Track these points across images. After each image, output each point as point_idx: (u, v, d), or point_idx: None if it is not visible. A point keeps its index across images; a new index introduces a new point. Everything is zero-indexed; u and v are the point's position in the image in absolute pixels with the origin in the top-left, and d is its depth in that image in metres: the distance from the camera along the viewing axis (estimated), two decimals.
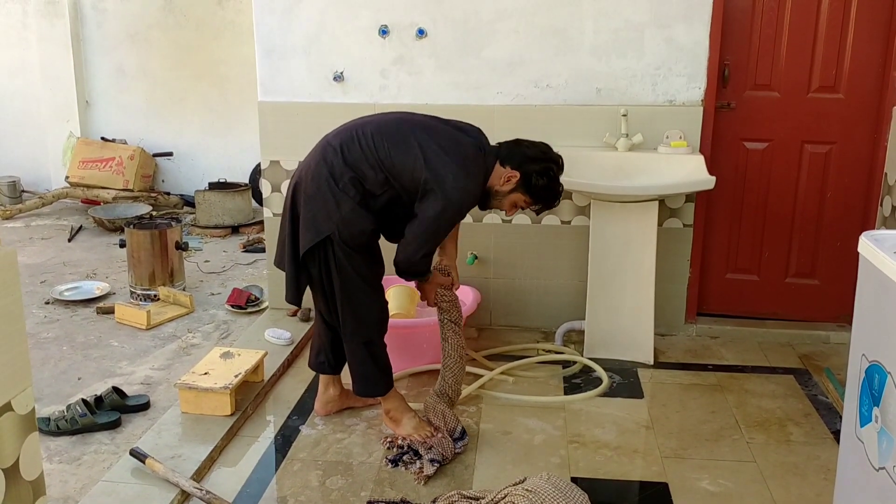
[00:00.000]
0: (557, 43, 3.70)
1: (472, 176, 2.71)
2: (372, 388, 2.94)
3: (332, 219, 2.69)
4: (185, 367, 3.47)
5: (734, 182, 3.84)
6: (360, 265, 2.77)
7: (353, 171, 2.70)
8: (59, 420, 2.97)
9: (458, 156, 2.70)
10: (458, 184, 2.66)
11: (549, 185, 2.81)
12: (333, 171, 2.71)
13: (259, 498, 2.60)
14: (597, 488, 2.64)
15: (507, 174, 2.78)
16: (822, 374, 3.50)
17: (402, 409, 2.96)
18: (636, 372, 3.56)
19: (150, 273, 4.44)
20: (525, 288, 4.00)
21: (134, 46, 6.71)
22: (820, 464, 2.82)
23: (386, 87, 3.85)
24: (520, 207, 2.88)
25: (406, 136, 2.72)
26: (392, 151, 2.70)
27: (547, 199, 2.86)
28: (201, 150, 6.80)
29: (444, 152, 2.69)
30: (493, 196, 2.83)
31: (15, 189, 6.71)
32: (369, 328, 2.86)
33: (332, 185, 2.70)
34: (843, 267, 3.84)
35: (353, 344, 2.87)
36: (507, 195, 2.82)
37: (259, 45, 3.89)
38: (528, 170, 2.78)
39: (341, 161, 2.71)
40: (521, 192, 2.81)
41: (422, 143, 2.70)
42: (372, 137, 2.73)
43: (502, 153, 2.82)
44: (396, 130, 2.75)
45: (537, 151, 2.83)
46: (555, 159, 2.84)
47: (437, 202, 2.66)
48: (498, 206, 2.87)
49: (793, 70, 3.70)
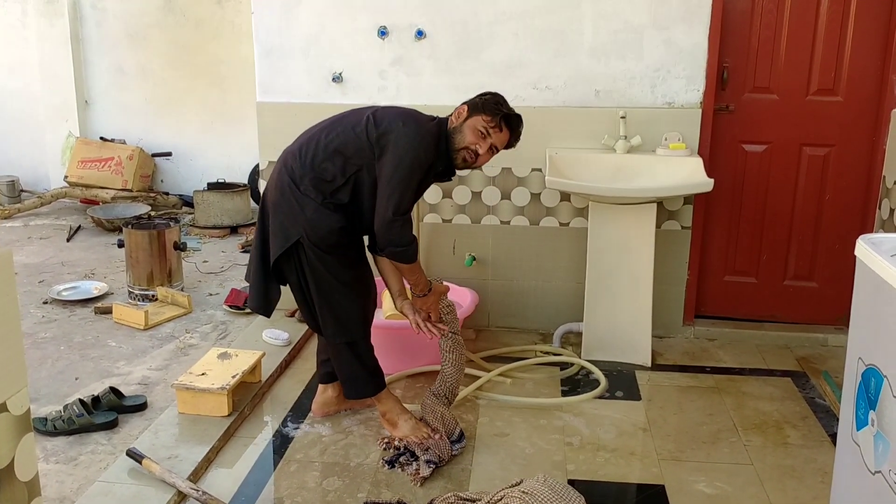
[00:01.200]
0: (556, 45, 3.70)
1: (419, 123, 2.73)
2: (360, 390, 2.93)
3: (299, 222, 2.71)
4: (183, 368, 3.47)
5: (733, 184, 3.84)
6: (334, 266, 2.76)
7: (313, 172, 2.72)
8: (56, 420, 2.96)
9: (403, 111, 2.78)
10: (407, 129, 2.67)
11: (496, 100, 2.78)
12: (294, 176, 2.74)
13: (255, 499, 2.59)
14: (593, 490, 2.64)
15: (456, 112, 2.80)
16: (819, 377, 3.50)
17: (398, 411, 2.96)
18: (634, 374, 3.56)
19: (149, 273, 4.44)
20: (523, 289, 4.00)
21: (133, 46, 6.71)
22: (817, 467, 2.82)
23: (385, 89, 3.85)
24: (484, 131, 2.74)
25: (357, 112, 2.81)
26: (342, 129, 2.74)
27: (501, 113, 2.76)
28: (200, 151, 6.80)
29: (391, 109, 2.79)
30: (454, 133, 2.75)
31: (14, 188, 6.70)
32: (350, 329, 2.84)
33: (293, 190, 2.73)
34: (841, 270, 3.85)
35: (336, 346, 2.87)
36: (465, 124, 2.75)
37: (258, 45, 3.89)
38: (472, 100, 2.79)
39: (300, 164, 2.74)
40: (474, 114, 2.75)
41: (371, 111, 2.77)
42: (325, 130, 2.78)
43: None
44: (347, 114, 2.83)
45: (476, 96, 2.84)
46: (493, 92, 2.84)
47: (394, 152, 2.66)
48: (462, 141, 2.75)
49: (792, 73, 3.71)
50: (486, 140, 2.76)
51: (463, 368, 3.02)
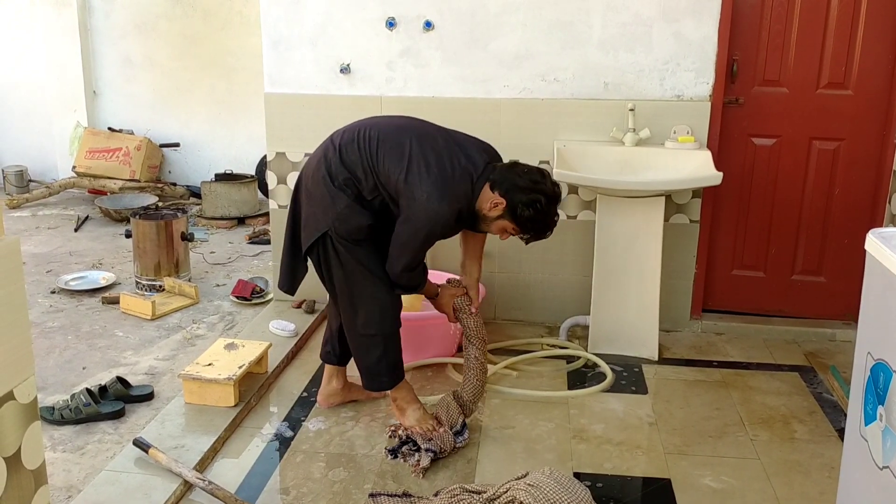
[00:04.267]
0: (565, 36, 3.69)
1: (446, 199, 2.60)
2: (377, 383, 2.91)
3: (329, 215, 2.70)
4: (190, 358, 3.47)
5: (741, 178, 3.82)
6: (365, 256, 2.75)
7: (348, 172, 2.70)
8: (64, 409, 2.98)
9: (439, 176, 2.61)
10: (430, 205, 2.59)
11: (535, 217, 2.66)
12: (331, 170, 2.72)
13: (261, 489, 2.60)
14: (599, 484, 2.65)
15: (494, 200, 2.65)
16: (827, 372, 3.48)
17: (409, 400, 2.94)
18: (640, 368, 3.55)
19: (156, 263, 4.45)
20: (530, 282, 3.99)
21: (141, 36, 6.70)
22: (824, 462, 2.81)
23: (392, 80, 3.84)
24: (509, 234, 2.76)
25: (402, 144, 2.67)
26: (384, 157, 2.67)
27: (534, 231, 2.72)
28: (208, 141, 6.79)
29: (426, 169, 2.62)
30: (482, 220, 2.72)
31: (22, 178, 6.71)
32: (379, 320, 2.81)
33: (328, 183, 2.71)
34: (850, 264, 3.82)
35: (361, 336, 2.84)
36: (495, 221, 2.70)
37: (266, 36, 3.89)
38: (515, 199, 2.63)
39: (338, 161, 2.72)
40: (507, 219, 2.68)
41: (412, 153, 2.64)
42: (370, 140, 2.71)
43: (494, 176, 2.68)
44: (395, 136, 2.71)
45: (527, 181, 2.66)
46: (545, 191, 2.67)
47: (409, 223, 2.64)
48: (486, 229, 2.77)
49: (802, 66, 3.68)
50: (509, 235, 2.78)
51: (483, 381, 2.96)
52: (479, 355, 2.93)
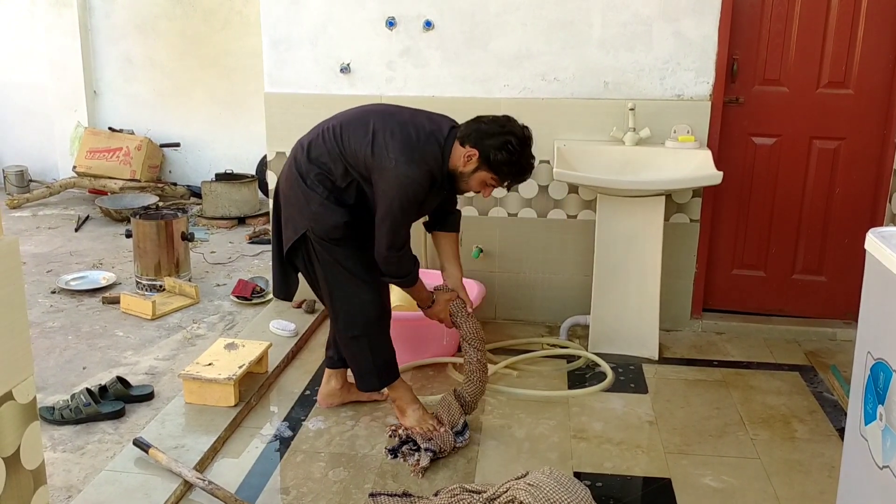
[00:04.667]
0: (565, 36, 3.68)
1: (415, 162, 2.61)
2: (367, 384, 2.91)
3: (305, 216, 2.72)
4: (190, 358, 3.47)
5: (742, 177, 3.82)
6: (345, 257, 2.75)
7: (318, 168, 2.72)
8: (64, 409, 2.98)
9: (404, 142, 2.63)
10: (398, 170, 2.59)
11: (510, 160, 2.64)
12: (301, 170, 2.75)
13: (261, 489, 2.60)
14: (599, 483, 2.64)
15: (467, 153, 2.66)
16: (827, 372, 3.48)
17: (408, 400, 2.94)
18: (641, 367, 3.55)
19: (156, 263, 4.45)
20: (530, 282, 3.99)
21: (141, 36, 6.70)
22: (824, 461, 2.81)
23: (392, 79, 3.84)
24: (491, 185, 2.73)
25: (366, 121, 2.70)
26: (349, 138, 2.69)
27: (512, 174, 2.70)
28: (208, 141, 6.79)
29: (391, 137, 2.63)
30: (460, 178, 2.72)
31: (22, 178, 6.71)
32: (361, 322, 2.80)
33: (301, 184, 2.73)
34: (850, 264, 3.82)
35: (346, 338, 2.85)
36: (472, 175, 2.69)
37: (266, 36, 3.89)
38: (486, 146, 2.63)
39: (306, 159, 2.74)
40: (483, 169, 2.67)
41: (375, 128, 2.67)
42: (333, 129, 2.74)
43: (461, 132, 2.69)
44: (359, 118, 2.75)
45: (494, 126, 2.67)
46: (513, 131, 2.67)
47: (383, 195, 2.63)
48: (466, 187, 2.76)
49: (802, 65, 3.68)
50: (491, 189, 2.76)
51: (484, 382, 2.96)
52: (480, 357, 2.93)
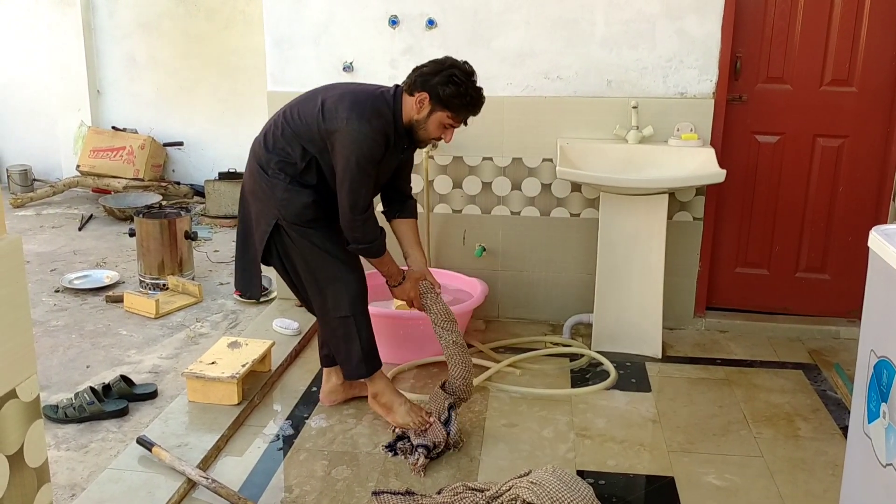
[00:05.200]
0: (568, 34, 3.68)
1: (366, 118, 2.65)
2: (355, 369, 2.90)
3: (272, 204, 2.77)
4: (193, 357, 3.48)
5: (745, 175, 3.81)
6: (321, 239, 2.79)
7: (276, 156, 2.78)
8: (67, 408, 2.98)
9: (353, 102, 2.68)
10: (350, 126, 2.63)
11: (458, 91, 2.67)
12: (261, 162, 2.81)
13: (265, 487, 2.60)
14: (602, 481, 2.64)
15: (417, 98, 2.70)
16: (831, 370, 3.48)
17: (392, 395, 2.93)
18: (644, 365, 3.55)
19: (160, 262, 4.45)
20: (533, 280, 3.99)
21: (145, 36, 6.70)
22: (828, 459, 2.80)
23: (395, 78, 3.81)
24: (449, 126, 2.75)
25: (313, 97, 2.79)
26: (300, 114, 2.76)
27: (464, 106, 2.71)
28: (211, 140, 6.80)
29: (339, 100, 2.69)
30: (418, 127, 2.75)
31: (26, 177, 6.72)
32: (348, 302, 2.82)
33: (263, 175, 2.80)
34: (854, 262, 3.81)
35: (334, 320, 2.85)
36: (428, 119, 2.72)
37: (269, 34, 3.89)
38: (433, 84, 2.67)
39: (264, 150, 2.81)
40: (437, 109, 2.70)
41: (323, 97, 2.73)
42: (284, 114, 2.81)
43: (405, 83, 2.75)
44: (306, 97, 2.82)
45: (435, 65, 2.72)
46: (454, 64, 2.71)
47: (340, 156, 2.66)
48: (426, 134, 2.77)
49: (805, 63, 3.67)
50: (451, 130, 2.79)
51: (468, 362, 2.92)
52: (455, 338, 2.90)
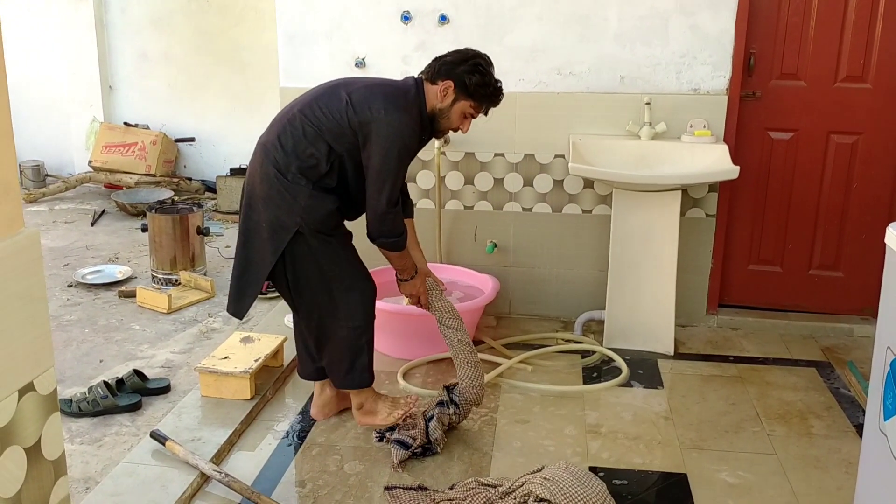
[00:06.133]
0: (581, 30, 3.67)
1: (401, 108, 2.63)
2: (357, 378, 2.83)
3: (295, 211, 2.63)
4: (206, 351, 3.49)
5: (758, 172, 3.80)
6: (341, 247, 2.76)
7: (298, 160, 2.64)
8: (81, 402, 3.00)
9: (382, 92, 2.66)
10: (389, 117, 2.60)
11: (483, 80, 2.70)
12: (279, 165, 2.65)
13: (277, 482, 2.61)
14: (615, 478, 2.64)
15: (442, 87, 2.70)
16: (844, 367, 3.46)
17: (373, 399, 2.90)
18: (656, 362, 3.54)
19: (172, 257, 4.47)
20: (545, 277, 3.98)
21: (157, 31, 6.72)
22: (841, 457, 2.79)
23: (407, 73, 3.81)
24: (469, 115, 2.77)
25: (333, 90, 2.71)
26: (322, 109, 2.66)
27: (488, 95, 2.74)
28: (223, 136, 6.81)
29: (368, 91, 2.66)
30: (440, 116, 2.74)
31: (39, 173, 6.75)
32: (362, 311, 2.79)
33: (282, 180, 2.64)
34: (867, 259, 3.79)
35: (348, 330, 2.77)
36: (451, 108, 2.72)
37: (281, 30, 3.89)
38: (458, 73, 2.69)
39: (282, 152, 2.65)
40: (461, 98, 2.71)
41: (348, 90, 2.68)
42: (301, 113, 2.68)
43: (428, 74, 2.75)
44: (323, 90, 2.74)
45: (457, 55, 2.74)
46: (478, 54, 2.75)
47: (377, 146, 2.60)
48: (448, 124, 2.76)
49: (820, 59, 3.65)
50: (470, 121, 2.80)
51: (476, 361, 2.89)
52: (462, 336, 2.89)
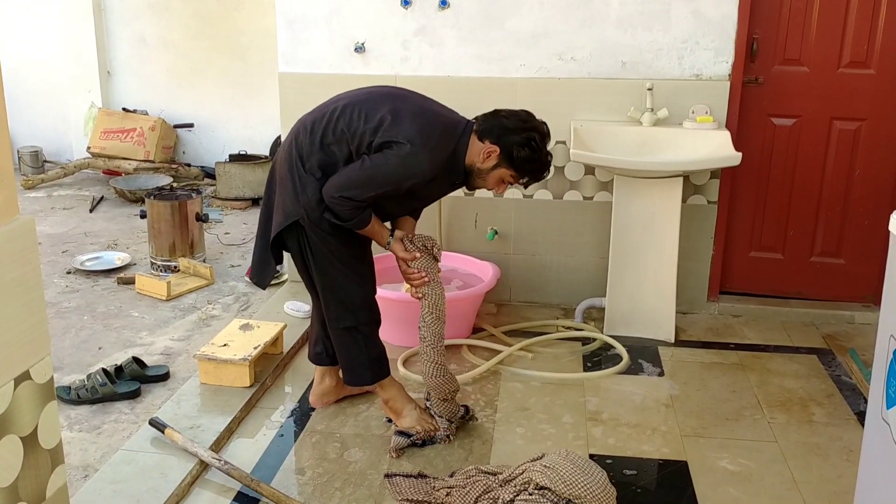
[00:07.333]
0: (582, 15, 3.64)
1: (429, 148, 2.50)
2: (359, 377, 2.83)
3: (299, 202, 2.59)
4: (205, 339, 3.48)
5: (760, 159, 3.78)
6: (338, 247, 2.65)
7: (321, 152, 2.58)
8: (80, 389, 2.99)
9: (422, 123, 2.53)
10: (409, 152, 2.47)
11: (532, 157, 2.58)
12: (302, 153, 2.60)
13: (277, 469, 2.61)
14: (615, 466, 2.64)
15: (487, 149, 2.57)
16: (846, 355, 3.45)
17: (403, 401, 2.84)
18: (657, 350, 3.53)
19: (171, 244, 4.45)
20: (545, 264, 3.97)
21: (155, 16, 6.67)
22: (842, 445, 2.78)
23: (407, 59, 3.80)
24: (507, 183, 2.66)
25: (377, 103, 2.58)
26: (358, 117, 2.55)
27: (532, 171, 2.63)
28: (222, 122, 6.78)
29: (410, 118, 2.52)
30: (477, 175, 2.63)
31: (37, 159, 6.72)
32: (352, 313, 2.73)
33: (299, 168, 2.59)
34: (869, 246, 3.78)
35: (337, 330, 2.76)
36: (491, 171, 2.61)
37: (280, 15, 3.86)
38: (508, 142, 2.56)
39: (309, 141, 2.59)
40: (504, 166, 2.59)
41: (392, 108, 2.54)
42: (342, 110, 2.58)
43: (480, 127, 2.61)
44: (368, 98, 2.62)
45: (516, 121, 2.60)
46: (536, 127, 2.61)
47: (383, 156, 2.50)
48: (483, 184, 2.66)
49: (823, 44, 3.62)
50: (506, 186, 2.69)
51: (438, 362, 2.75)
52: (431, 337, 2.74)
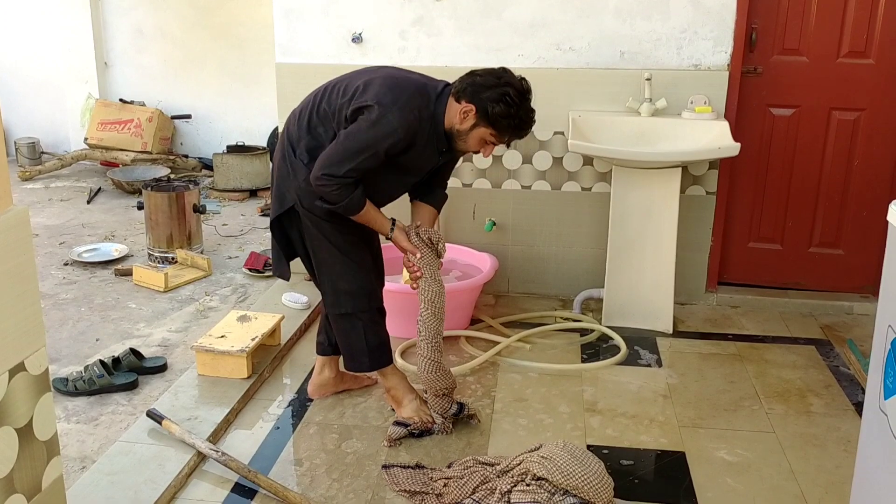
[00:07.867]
0: (581, 4, 3.62)
1: (398, 105, 2.48)
2: (356, 363, 2.82)
3: (292, 188, 2.63)
4: (203, 330, 3.48)
5: (759, 149, 3.77)
6: (332, 233, 2.66)
7: (308, 135, 2.62)
8: (77, 380, 2.99)
9: (391, 84, 2.52)
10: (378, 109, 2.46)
11: (508, 112, 2.50)
12: (292, 139, 2.66)
13: (275, 460, 2.60)
14: (613, 456, 2.63)
15: (463, 108, 2.53)
16: (844, 346, 3.45)
17: (404, 389, 2.85)
18: (655, 341, 3.53)
19: (168, 236, 4.44)
20: (543, 255, 3.96)
21: (152, 7, 6.65)
22: (840, 435, 2.78)
23: (405, 49, 3.79)
24: (490, 143, 2.60)
25: (353, 78, 2.62)
26: (337, 94, 2.59)
27: (511, 128, 2.55)
28: (219, 113, 6.76)
29: (382, 81, 2.53)
30: (458, 137, 2.59)
31: (34, 150, 6.71)
32: (349, 300, 2.72)
33: (290, 154, 2.64)
34: (868, 237, 3.77)
35: (334, 316, 2.78)
36: (470, 132, 2.56)
37: (278, 5, 3.84)
38: (482, 99, 2.50)
39: (297, 127, 2.65)
40: (482, 125, 2.54)
41: (367, 79, 2.56)
42: (324, 91, 2.64)
43: (455, 87, 2.57)
44: (348, 76, 2.66)
45: (491, 78, 2.53)
46: (511, 82, 2.53)
47: (358, 125, 2.50)
48: (465, 146, 2.62)
49: (822, 34, 3.61)
50: (492, 147, 2.65)
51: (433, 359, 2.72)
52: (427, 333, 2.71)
